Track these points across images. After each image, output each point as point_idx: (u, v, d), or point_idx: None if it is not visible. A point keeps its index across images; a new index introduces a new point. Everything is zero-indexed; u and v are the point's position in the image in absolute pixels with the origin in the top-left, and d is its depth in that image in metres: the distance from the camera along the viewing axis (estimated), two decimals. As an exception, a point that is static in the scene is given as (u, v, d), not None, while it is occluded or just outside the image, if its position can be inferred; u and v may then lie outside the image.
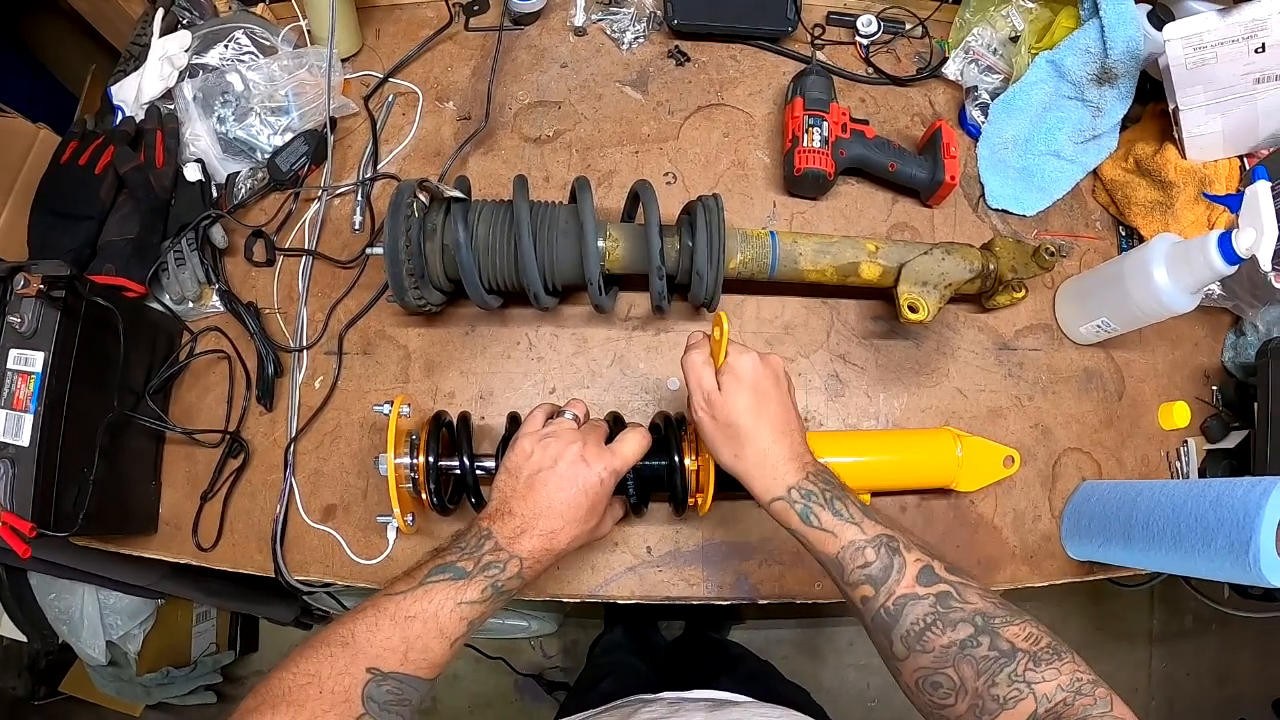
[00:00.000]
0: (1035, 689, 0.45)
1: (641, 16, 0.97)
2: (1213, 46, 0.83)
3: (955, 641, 0.49)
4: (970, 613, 0.49)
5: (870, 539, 0.53)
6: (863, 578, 0.52)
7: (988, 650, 0.48)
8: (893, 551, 0.52)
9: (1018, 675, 0.46)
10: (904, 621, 0.51)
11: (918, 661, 0.50)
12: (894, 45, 1.01)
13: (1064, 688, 0.45)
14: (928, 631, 0.50)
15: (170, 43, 0.92)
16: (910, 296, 0.77)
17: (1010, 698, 0.46)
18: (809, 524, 0.55)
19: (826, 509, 0.55)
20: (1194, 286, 0.78)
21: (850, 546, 0.53)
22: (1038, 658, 0.47)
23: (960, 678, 0.48)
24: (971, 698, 0.47)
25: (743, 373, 0.59)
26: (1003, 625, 0.48)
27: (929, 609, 0.50)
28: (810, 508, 0.55)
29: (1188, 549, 0.69)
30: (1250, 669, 1.93)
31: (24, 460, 0.66)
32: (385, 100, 0.95)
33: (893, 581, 0.52)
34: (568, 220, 0.75)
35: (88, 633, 1.30)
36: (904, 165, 0.89)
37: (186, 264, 0.84)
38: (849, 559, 0.53)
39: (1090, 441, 0.90)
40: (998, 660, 0.47)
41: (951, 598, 0.50)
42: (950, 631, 0.49)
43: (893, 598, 0.51)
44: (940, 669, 0.49)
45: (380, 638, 0.51)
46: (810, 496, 0.56)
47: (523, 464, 0.60)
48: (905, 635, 0.50)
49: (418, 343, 0.86)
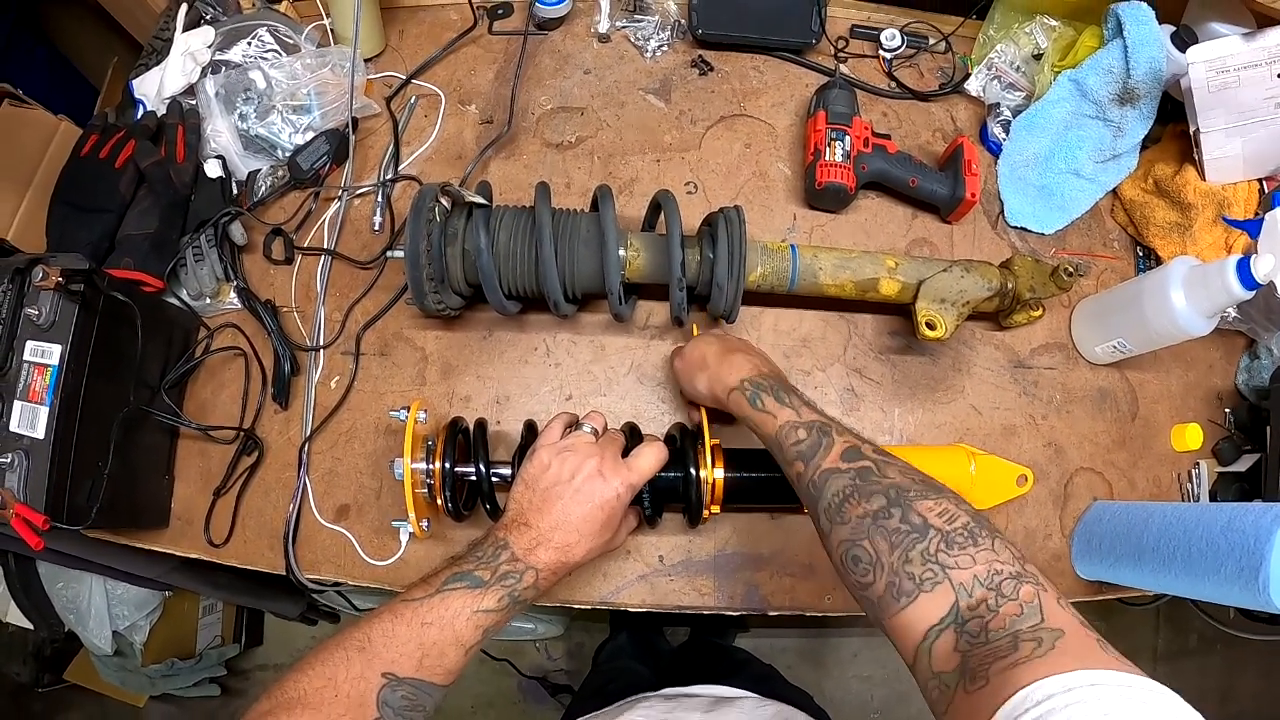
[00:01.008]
0: (950, 574, 0.43)
1: (665, 25, 0.97)
2: (1236, 70, 0.83)
3: (869, 512, 0.48)
4: (886, 485, 0.49)
5: (804, 421, 0.57)
6: (795, 454, 0.56)
7: (899, 522, 0.47)
8: (823, 433, 0.56)
9: (930, 554, 0.44)
10: (826, 494, 0.52)
11: (839, 534, 0.50)
12: (917, 60, 1.01)
13: (980, 580, 0.42)
14: (846, 502, 0.50)
15: (193, 38, 0.92)
16: (928, 313, 0.77)
17: (925, 578, 0.44)
18: (755, 408, 0.61)
19: (770, 395, 0.61)
20: (1211, 310, 0.78)
21: (787, 425, 0.57)
22: (950, 539, 0.44)
23: (875, 550, 0.47)
24: (888, 574, 0.46)
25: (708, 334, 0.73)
26: (916, 498, 0.48)
27: (849, 481, 0.51)
28: (758, 394, 0.61)
29: (1198, 573, 0.69)
30: (1254, 689, 1.93)
31: (39, 453, 0.66)
32: (408, 102, 0.95)
33: (820, 457, 0.54)
34: (589, 229, 0.75)
35: (94, 622, 1.31)
36: (925, 181, 0.89)
37: (205, 260, 0.84)
38: (785, 436, 0.57)
39: (1103, 461, 0.90)
40: (909, 534, 0.46)
41: (871, 472, 0.51)
42: (865, 503, 0.49)
43: (819, 471, 0.53)
44: (857, 541, 0.48)
45: (396, 643, 0.51)
46: (759, 386, 0.62)
47: (540, 476, 0.60)
48: (827, 507, 0.52)
49: (435, 345, 0.86)
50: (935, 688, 0.41)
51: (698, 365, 0.69)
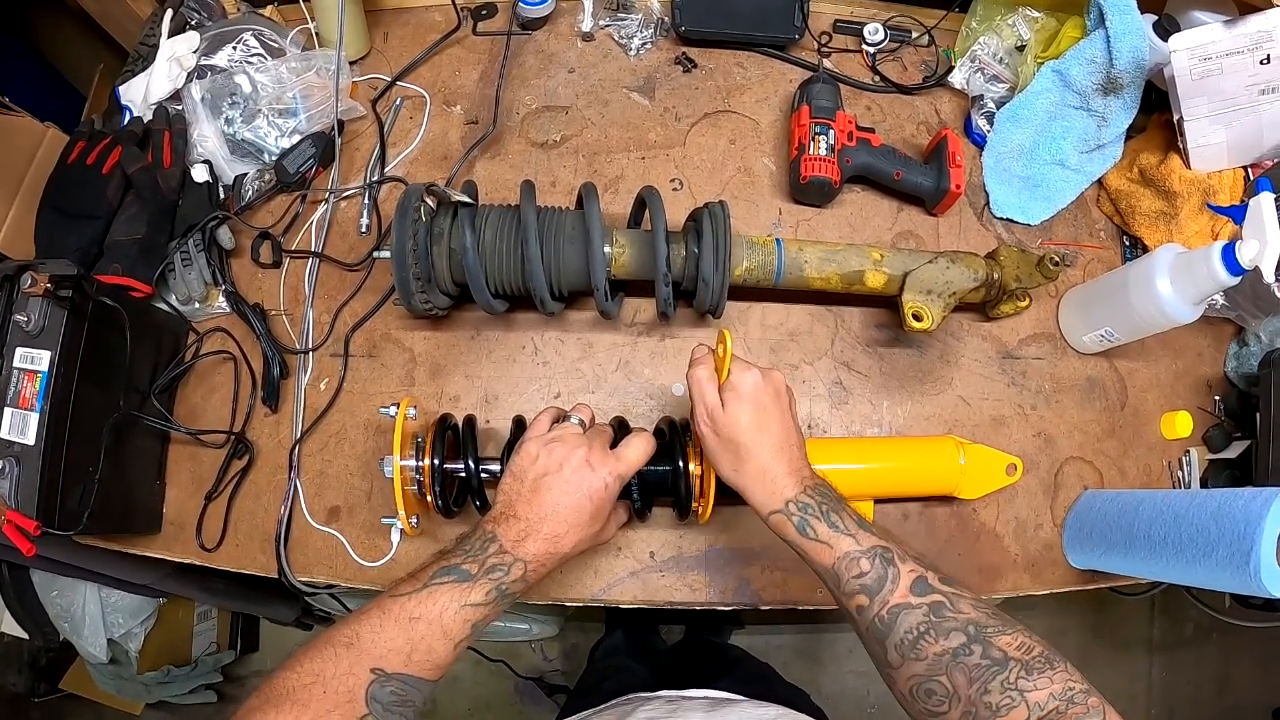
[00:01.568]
0: (1028, 697, 0.45)
1: (649, 23, 0.98)
2: (1218, 58, 0.83)
3: (948, 650, 0.49)
4: (963, 622, 0.50)
5: (865, 550, 0.54)
6: (858, 588, 0.53)
7: (980, 658, 0.48)
8: (887, 562, 0.53)
9: (1010, 683, 0.46)
10: (898, 630, 0.51)
11: (911, 669, 0.50)
12: (900, 53, 1.01)
13: (1056, 695, 0.45)
14: (921, 640, 0.50)
15: (179, 44, 0.92)
16: (915, 305, 0.78)
17: (1003, 705, 0.45)
18: (805, 536, 0.56)
19: (823, 521, 0.56)
20: (1197, 297, 0.78)
21: (846, 557, 0.54)
22: (1030, 666, 0.46)
23: (953, 685, 0.48)
24: (964, 705, 0.47)
25: (744, 390, 0.60)
26: (995, 634, 0.49)
27: (922, 618, 0.50)
28: (807, 520, 0.57)
29: (1189, 559, 0.69)
30: (1250, 678, 1.93)
31: (29, 459, 0.66)
32: (393, 103, 0.95)
33: (887, 591, 0.52)
34: (574, 226, 0.75)
35: (89, 630, 1.30)
36: (909, 174, 0.89)
37: (193, 265, 0.84)
38: (844, 569, 0.54)
39: (1093, 450, 0.90)
40: (990, 668, 0.47)
41: (945, 607, 0.51)
42: (943, 640, 0.49)
43: (887, 607, 0.52)
44: (934, 676, 0.49)
45: (385, 639, 0.51)
46: (807, 509, 0.57)
47: (528, 468, 0.60)
48: (899, 644, 0.51)
49: (423, 346, 0.86)
50: None
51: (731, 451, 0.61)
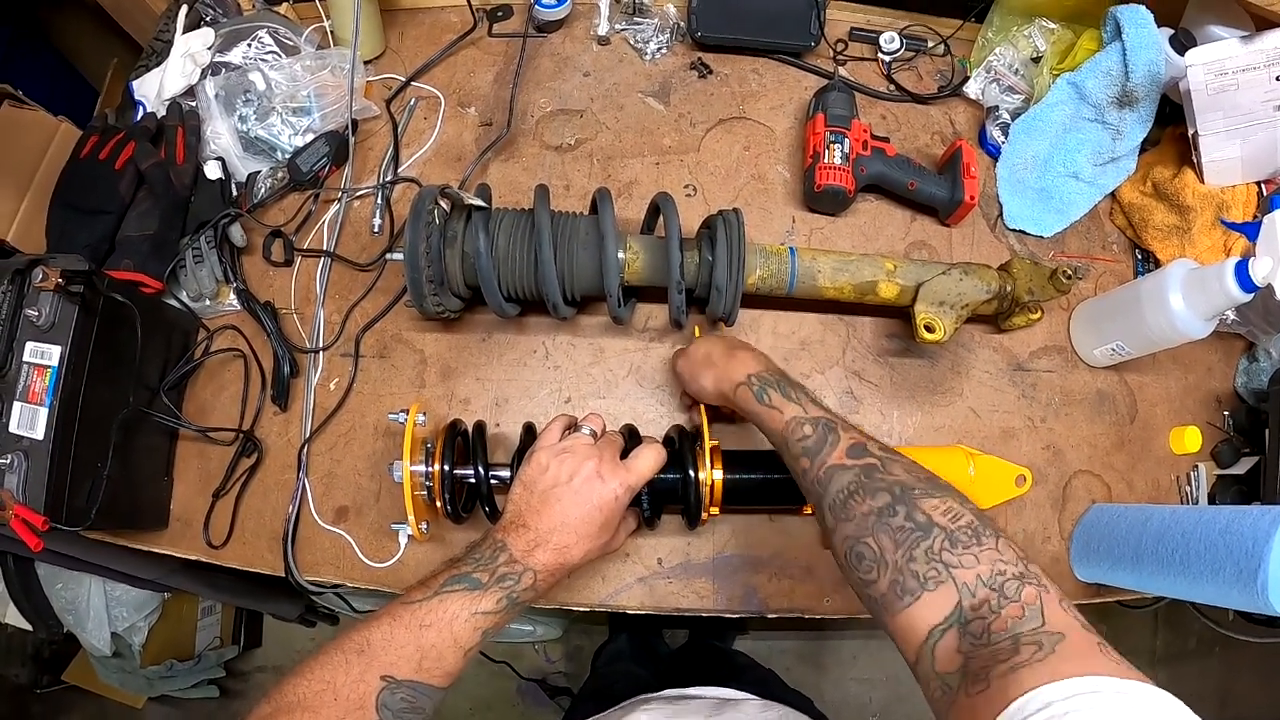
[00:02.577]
0: (954, 574, 0.43)
1: (665, 27, 0.97)
2: (1234, 73, 0.83)
3: (874, 509, 0.49)
4: (890, 482, 0.50)
5: (810, 416, 0.57)
6: (801, 450, 0.56)
7: (904, 520, 0.47)
8: (829, 429, 0.56)
9: (934, 553, 0.44)
10: (831, 489, 0.52)
11: (843, 531, 0.50)
12: (916, 63, 1.01)
13: (984, 580, 0.42)
14: (851, 499, 0.50)
15: (193, 40, 0.93)
16: (927, 316, 0.77)
17: (929, 576, 0.44)
18: (761, 402, 0.61)
19: (777, 390, 0.61)
20: (1209, 313, 0.78)
21: (793, 421, 0.58)
22: (954, 537, 0.44)
23: (879, 548, 0.47)
24: (892, 572, 0.46)
25: (703, 340, 0.73)
26: (921, 497, 0.48)
27: (854, 478, 0.51)
28: (765, 389, 0.62)
29: (1196, 575, 0.69)
30: (1253, 692, 1.93)
31: (38, 453, 0.66)
32: (407, 104, 0.95)
33: (825, 453, 0.54)
34: (588, 231, 0.75)
35: (93, 624, 1.31)
36: (924, 184, 0.89)
37: (204, 262, 0.84)
38: (790, 432, 0.57)
39: (1101, 464, 0.90)
40: (913, 532, 0.46)
41: (876, 469, 0.51)
42: (870, 499, 0.49)
43: (824, 467, 0.54)
44: (861, 538, 0.48)
45: (395, 646, 0.51)
46: (765, 382, 0.62)
47: (538, 478, 0.60)
48: (832, 503, 0.52)
49: (434, 348, 0.86)
50: (938, 688, 0.41)
51: (703, 363, 0.70)
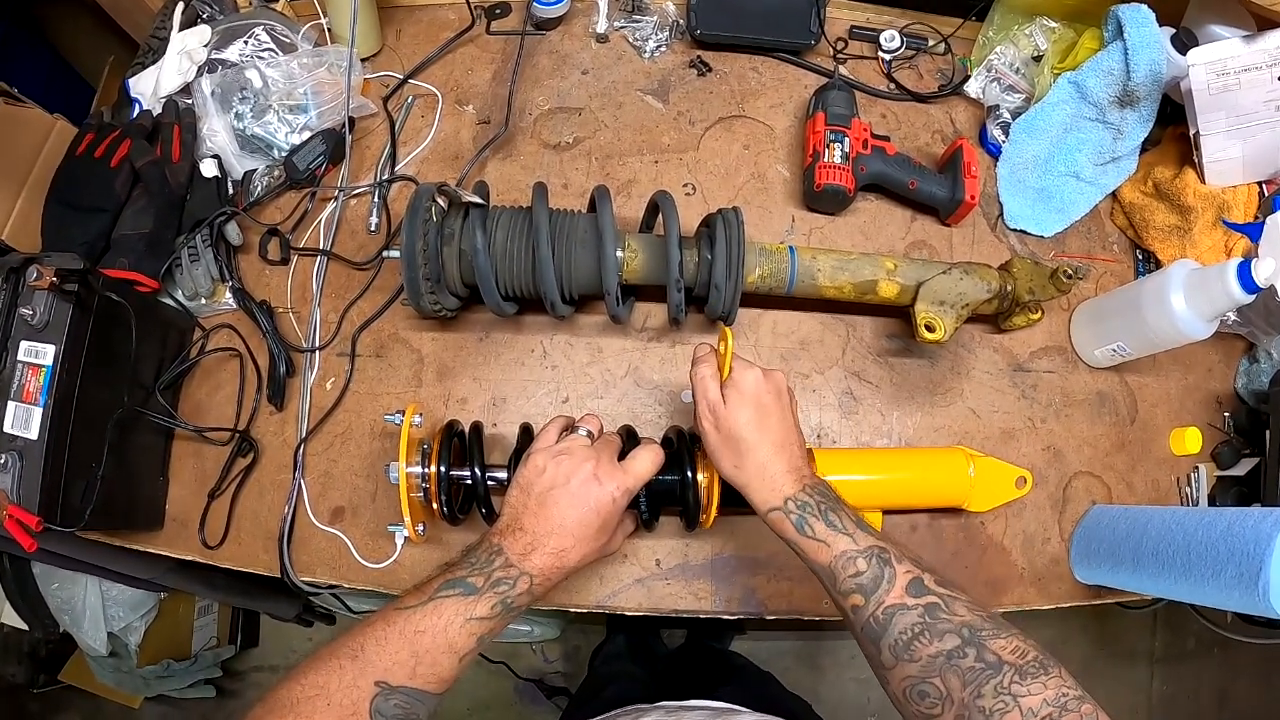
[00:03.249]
0: (1020, 702, 0.45)
1: (664, 25, 0.97)
2: (1236, 73, 0.83)
3: (942, 652, 0.49)
4: (958, 624, 0.50)
5: (862, 549, 0.54)
6: (854, 587, 0.53)
7: (974, 661, 0.47)
8: (884, 563, 0.53)
9: (1003, 687, 0.46)
10: (893, 630, 0.51)
11: (905, 670, 0.50)
12: (916, 61, 1.01)
13: (1049, 702, 0.44)
14: (915, 641, 0.50)
15: (190, 37, 0.92)
16: (927, 316, 0.77)
17: (995, 709, 0.45)
18: (803, 534, 0.57)
19: (820, 520, 0.57)
20: (1211, 314, 0.78)
21: (842, 556, 0.55)
22: (1024, 671, 0.46)
23: (947, 688, 0.48)
24: (957, 708, 0.47)
25: (746, 387, 0.61)
26: (990, 638, 0.48)
27: (917, 619, 0.50)
28: (805, 518, 0.57)
29: (1197, 578, 0.68)
30: (1251, 693, 1.92)
31: (32, 453, 0.66)
32: (404, 101, 0.95)
33: (883, 591, 0.52)
34: (587, 230, 0.75)
35: (89, 623, 1.30)
36: (924, 183, 0.89)
37: (200, 260, 0.83)
38: (841, 568, 0.54)
39: (1101, 465, 0.89)
40: (984, 671, 0.47)
41: (940, 609, 0.51)
42: (937, 642, 0.49)
43: (882, 607, 0.52)
44: (927, 678, 0.49)
45: (389, 651, 0.51)
46: (805, 508, 0.57)
47: (535, 480, 0.60)
48: (894, 644, 0.51)
49: (431, 347, 0.85)
50: None
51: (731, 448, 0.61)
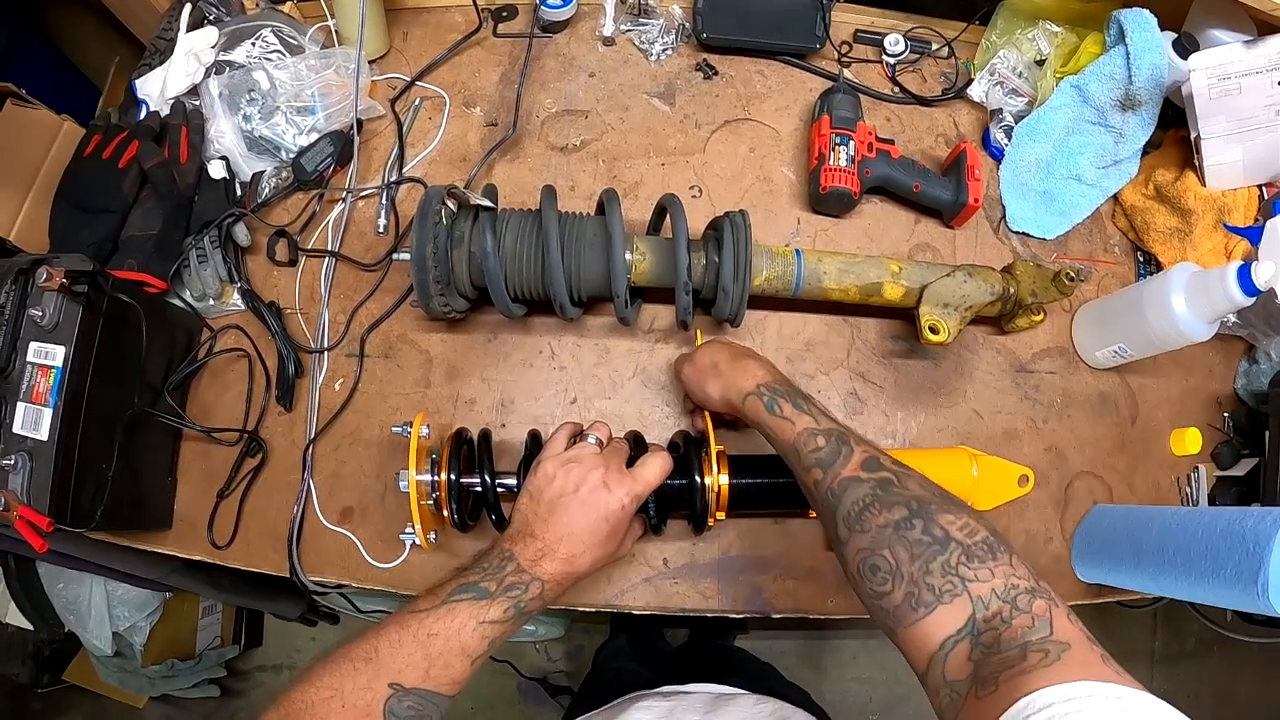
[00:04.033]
0: (970, 587, 0.44)
1: (670, 28, 0.97)
2: (1237, 77, 0.83)
3: (890, 522, 0.49)
4: (907, 497, 0.50)
5: (823, 429, 0.57)
6: (813, 461, 0.56)
7: (921, 534, 0.47)
8: (842, 441, 0.56)
9: (950, 566, 0.45)
10: (845, 502, 0.52)
11: (857, 543, 0.51)
12: (920, 65, 1.01)
13: (998, 593, 0.43)
14: (866, 511, 0.51)
15: (197, 38, 0.92)
16: (931, 318, 0.78)
17: (945, 590, 0.45)
18: (772, 413, 0.61)
19: (788, 401, 0.61)
20: (1212, 316, 0.79)
21: (805, 433, 0.58)
22: (971, 552, 0.46)
23: (895, 560, 0.48)
24: (907, 584, 0.46)
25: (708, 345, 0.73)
26: (938, 511, 0.48)
27: (869, 490, 0.52)
28: (775, 400, 0.61)
29: (1197, 576, 0.69)
30: (1251, 692, 1.93)
31: (42, 454, 0.66)
32: (412, 103, 0.95)
33: (839, 465, 0.54)
34: (595, 232, 0.75)
35: (94, 623, 1.31)
36: (928, 186, 0.89)
37: (209, 261, 0.84)
38: (803, 444, 0.57)
39: (1103, 465, 0.90)
40: (930, 546, 0.47)
41: (892, 484, 0.52)
42: (886, 512, 0.50)
43: (838, 479, 0.54)
44: (877, 550, 0.49)
45: (403, 654, 0.51)
46: (776, 392, 0.62)
47: (545, 488, 0.60)
48: (846, 516, 0.52)
49: (440, 348, 0.86)
50: (946, 695, 0.42)
51: (709, 371, 0.69)
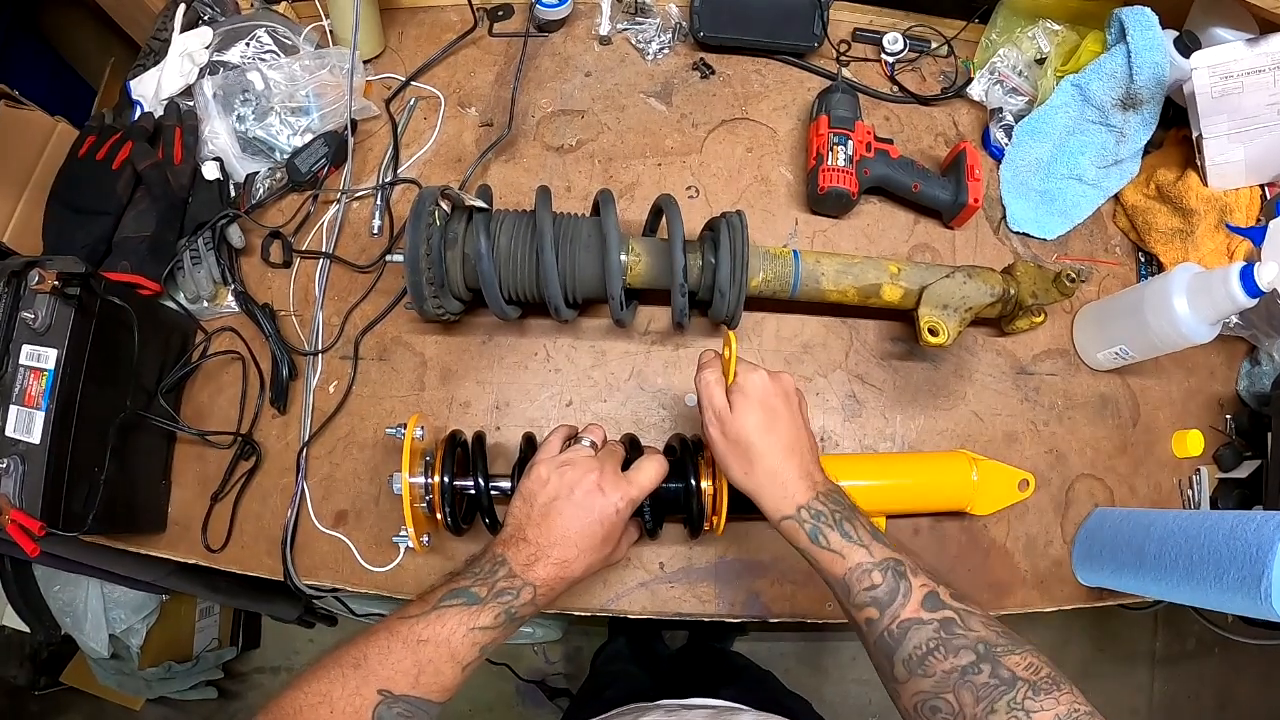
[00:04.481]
0: (1033, 717, 0.45)
1: (667, 27, 0.97)
2: (1239, 76, 0.83)
3: (957, 668, 0.48)
4: (973, 640, 0.49)
5: (878, 562, 0.54)
6: (868, 600, 0.53)
7: (988, 678, 0.47)
8: (899, 576, 0.53)
9: (1016, 703, 0.45)
10: (907, 645, 0.51)
11: (918, 685, 0.50)
12: (919, 64, 1.00)
13: (1061, 717, 0.44)
14: (930, 656, 0.50)
15: (191, 39, 0.92)
16: (931, 319, 0.77)
17: None
18: (817, 544, 0.56)
19: (835, 530, 0.55)
20: (1214, 317, 0.78)
21: (857, 569, 0.54)
22: (1037, 687, 0.46)
23: (959, 703, 0.47)
24: None
25: (752, 390, 0.60)
26: (1004, 654, 0.48)
27: (932, 634, 0.50)
28: (819, 528, 0.56)
29: (1199, 580, 0.69)
30: (1251, 694, 1.93)
31: (34, 458, 0.66)
32: (407, 104, 0.95)
33: (898, 605, 0.52)
34: (590, 234, 0.75)
35: (91, 625, 1.30)
36: (927, 186, 0.88)
37: (202, 263, 0.83)
38: (855, 581, 0.54)
39: (1104, 468, 0.89)
40: (997, 688, 0.47)
41: (955, 624, 0.50)
42: (952, 657, 0.49)
43: (897, 621, 0.52)
44: (940, 694, 0.48)
45: (392, 660, 0.51)
46: (820, 517, 0.56)
47: (538, 491, 0.59)
48: (907, 659, 0.51)
49: (434, 350, 0.85)
50: None
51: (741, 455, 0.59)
